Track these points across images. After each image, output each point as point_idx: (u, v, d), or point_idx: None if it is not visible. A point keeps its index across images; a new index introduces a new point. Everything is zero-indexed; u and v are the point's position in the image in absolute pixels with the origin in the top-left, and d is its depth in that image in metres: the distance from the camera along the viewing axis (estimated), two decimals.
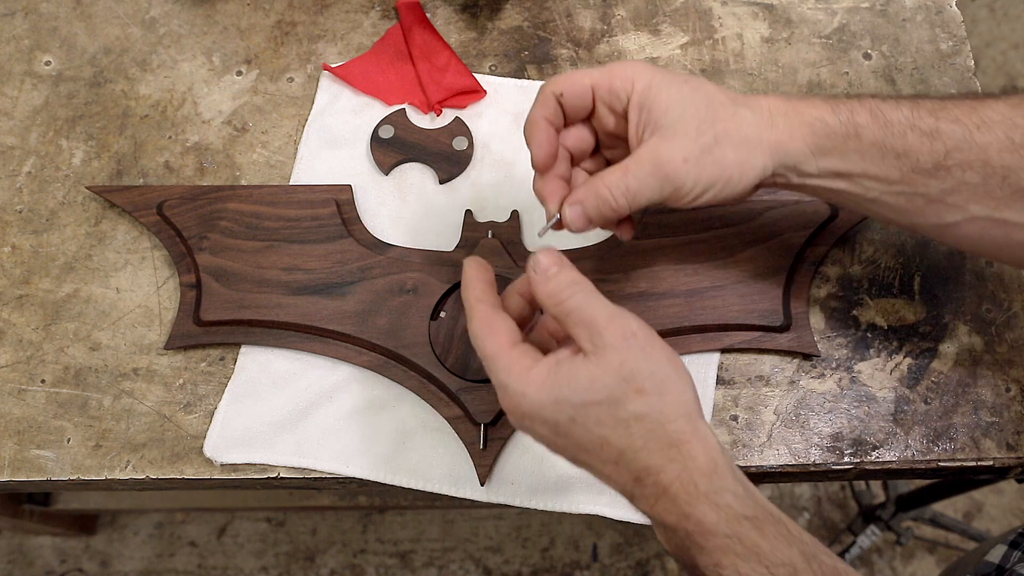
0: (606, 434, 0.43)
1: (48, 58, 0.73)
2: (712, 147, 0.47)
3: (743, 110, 0.48)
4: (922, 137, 0.46)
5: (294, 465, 0.59)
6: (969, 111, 0.46)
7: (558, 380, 0.43)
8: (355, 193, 0.65)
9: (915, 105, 0.47)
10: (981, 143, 0.45)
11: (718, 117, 0.48)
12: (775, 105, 0.49)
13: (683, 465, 0.43)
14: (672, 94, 0.47)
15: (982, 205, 0.47)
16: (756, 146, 0.48)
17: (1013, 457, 0.58)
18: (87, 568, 1.43)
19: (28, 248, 0.66)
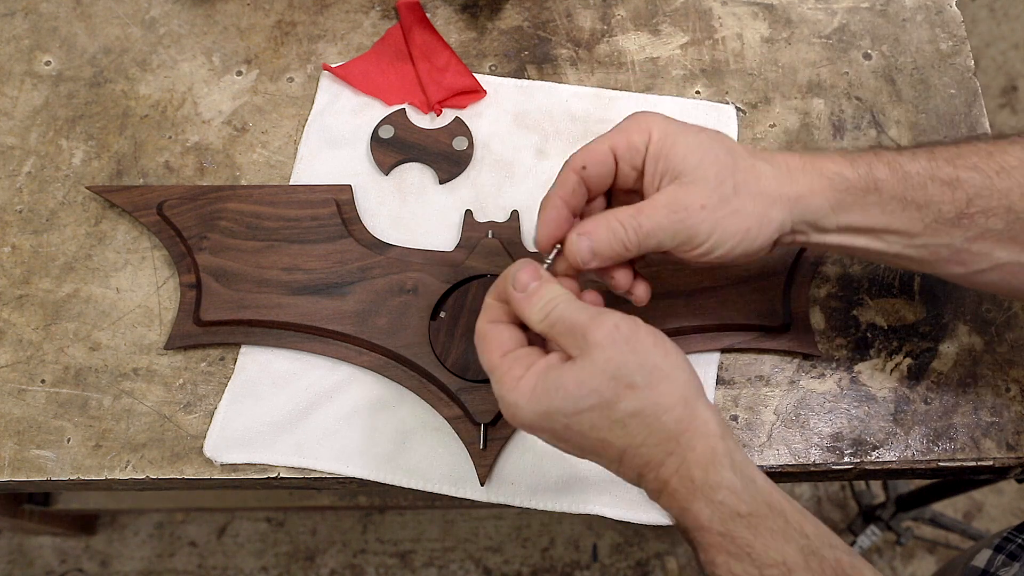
0: (604, 436, 0.43)
1: (48, 58, 0.73)
2: (731, 197, 0.46)
3: (761, 163, 0.47)
4: (943, 187, 0.46)
5: (294, 465, 0.59)
6: (987, 157, 0.46)
7: (547, 390, 0.43)
8: (355, 193, 0.65)
9: (932, 155, 0.47)
10: (1002, 189, 0.45)
11: (738, 167, 0.46)
12: (792, 161, 0.48)
13: (681, 458, 0.43)
14: (690, 141, 0.46)
15: (1008, 251, 0.47)
16: (775, 200, 0.47)
17: (1013, 457, 0.58)
18: (87, 568, 1.43)
19: (28, 248, 0.66)
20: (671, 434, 0.43)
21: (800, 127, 0.69)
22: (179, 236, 0.63)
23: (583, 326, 0.43)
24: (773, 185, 0.47)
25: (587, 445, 0.44)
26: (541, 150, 0.68)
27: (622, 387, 0.42)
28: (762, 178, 0.47)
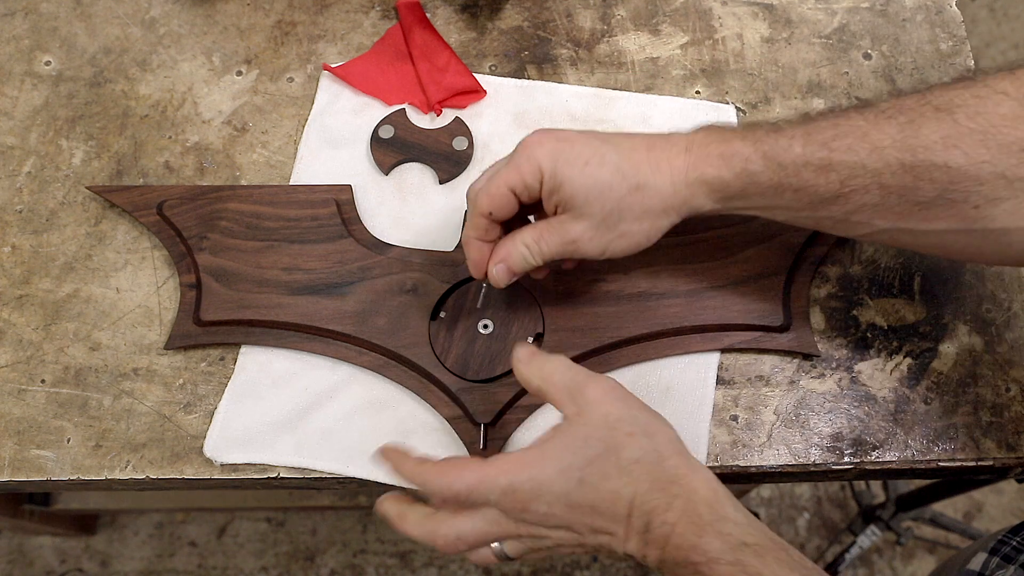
0: (614, 487, 0.45)
1: (48, 58, 0.73)
2: (616, 223, 0.51)
3: (648, 182, 0.51)
4: (817, 172, 0.48)
5: (294, 465, 0.59)
6: (861, 137, 0.48)
7: (558, 451, 0.46)
8: (355, 193, 0.65)
9: (808, 138, 0.49)
10: (874, 168, 0.47)
11: (619, 196, 0.50)
12: (677, 167, 0.51)
13: (687, 499, 0.45)
14: (575, 178, 0.50)
15: (884, 220, 0.49)
16: (660, 213, 0.52)
17: (1013, 457, 0.58)
18: (87, 568, 1.43)
19: (28, 248, 0.66)
20: (673, 479, 0.46)
21: None
22: (179, 236, 0.63)
23: (580, 384, 0.48)
24: (657, 202, 0.51)
25: (599, 503, 0.46)
26: None
27: (623, 435, 0.46)
28: (646, 198, 0.51)
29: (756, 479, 0.61)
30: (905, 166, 0.46)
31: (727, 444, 0.59)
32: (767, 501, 1.45)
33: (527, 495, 0.46)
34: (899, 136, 0.47)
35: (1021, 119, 0.45)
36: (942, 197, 0.46)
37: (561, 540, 0.47)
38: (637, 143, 0.52)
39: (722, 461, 0.58)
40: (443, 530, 0.47)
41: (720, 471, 0.58)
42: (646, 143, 0.52)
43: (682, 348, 0.60)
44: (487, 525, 0.47)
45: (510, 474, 0.46)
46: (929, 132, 0.46)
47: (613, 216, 0.51)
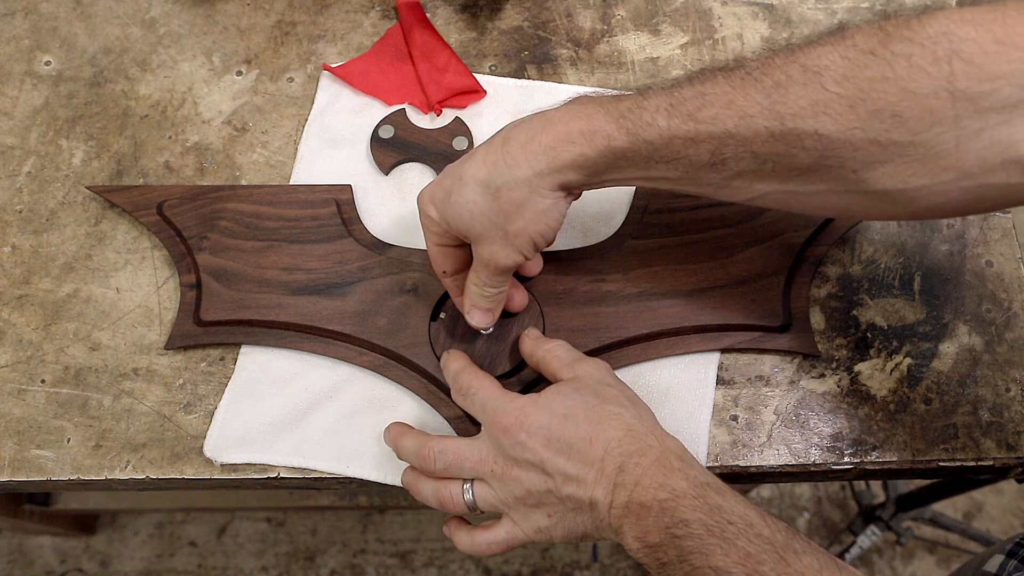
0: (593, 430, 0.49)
1: (48, 58, 0.73)
2: (505, 228, 0.51)
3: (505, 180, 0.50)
4: (686, 143, 0.47)
5: (294, 465, 0.59)
6: (727, 105, 0.45)
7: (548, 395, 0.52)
8: (355, 193, 0.65)
9: (672, 111, 0.47)
10: (743, 138, 0.45)
11: (488, 205, 0.50)
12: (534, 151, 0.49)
13: (660, 449, 0.49)
14: (450, 212, 0.52)
15: (765, 183, 0.47)
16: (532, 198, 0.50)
17: (1013, 457, 0.58)
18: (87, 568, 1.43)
19: (28, 248, 0.66)
20: (648, 433, 0.50)
21: None
22: (179, 236, 0.63)
23: (579, 360, 0.54)
24: (523, 192, 0.50)
25: (577, 441, 0.49)
26: None
27: (609, 395, 0.51)
28: (511, 194, 0.50)
29: (756, 479, 0.61)
30: (775, 135, 0.45)
31: (727, 444, 0.59)
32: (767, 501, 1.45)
33: (513, 419, 0.50)
34: (766, 103, 0.44)
35: (888, 80, 0.42)
36: (818, 163, 0.45)
37: (532, 485, 0.49)
38: (494, 142, 0.51)
39: (722, 461, 0.58)
40: (431, 441, 0.53)
41: (720, 471, 0.58)
42: (502, 136, 0.51)
43: (682, 348, 0.60)
44: (465, 443, 0.52)
45: (505, 398, 0.51)
46: (796, 98, 0.44)
47: (497, 225, 0.51)
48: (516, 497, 0.50)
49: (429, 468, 0.52)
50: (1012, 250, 0.64)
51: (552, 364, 0.54)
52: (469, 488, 0.51)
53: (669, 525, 0.46)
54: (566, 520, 0.50)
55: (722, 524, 0.45)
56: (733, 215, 0.62)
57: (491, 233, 0.51)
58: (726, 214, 0.62)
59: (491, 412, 0.51)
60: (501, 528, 0.52)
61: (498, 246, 0.52)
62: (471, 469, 0.51)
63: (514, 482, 0.50)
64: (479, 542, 0.52)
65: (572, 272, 0.61)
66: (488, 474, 0.51)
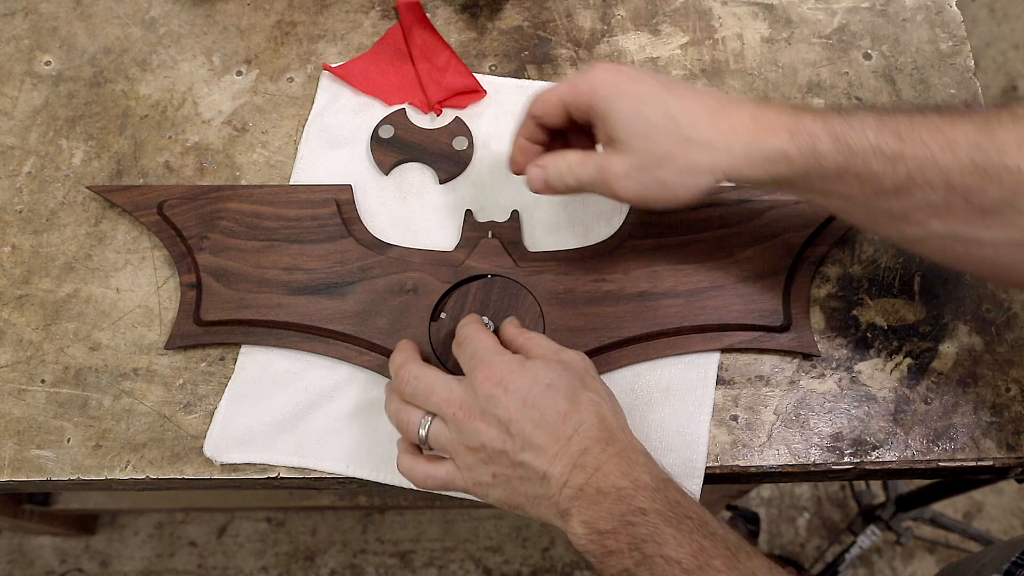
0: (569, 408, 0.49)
1: (48, 58, 0.73)
2: (655, 168, 0.51)
3: (701, 138, 0.50)
4: (885, 161, 0.47)
5: (294, 465, 0.59)
6: (935, 132, 0.46)
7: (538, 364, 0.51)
8: (355, 193, 0.65)
9: (881, 127, 0.47)
10: (943, 164, 0.46)
11: (667, 140, 0.50)
12: (740, 130, 0.49)
13: (626, 445, 0.49)
14: (625, 112, 0.51)
15: (943, 223, 0.48)
16: (703, 171, 0.50)
17: (1013, 457, 0.58)
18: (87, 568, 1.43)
19: (28, 248, 0.66)
20: (617, 428, 0.50)
21: None
22: (179, 236, 0.63)
23: (561, 350, 0.53)
24: (705, 160, 0.50)
25: (551, 413, 0.49)
26: None
27: (592, 381, 0.52)
28: (693, 152, 0.50)
29: (756, 479, 0.61)
30: (976, 165, 0.45)
31: (727, 444, 0.59)
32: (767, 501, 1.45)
33: (498, 372, 0.50)
34: (974, 134, 0.45)
35: None
36: (1007, 203, 0.45)
37: (489, 440, 0.49)
38: (703, 98, 0.51)
39: (722, 461, 0.58)
40: (412, 364, 0.53)
41: (720, 471, 0.58)
42: (712, 101, 0.51)
43: (682, 348, 0.60)
44: (443, 378, 0.52)
45: (498, 352, 0.52)
46: (1005, 134, 0.45)
47: (655, 161, 0.50)
48: (468, 447, 0.50)
49: (400, 388, 0.53)
50: None
51: (534, 352, 0.53)
52: (428, 422, 0.51)
53: (625, 513, 0.46)
54: (510, 485, 0.50)
55: (679, 517, 0.46)
56: (733, 216, 0.62)
57: (641, 160, 0.50)
58: (726, 214, 0.62)
59: (479, 360, 0.51)
60: (443, 468, 0.52)
61: (633, 173, 0.51)
62: (435, 404, 0.51)
63: (472, 432, 0.50)
64: (418, 471, 0.52)
65: (572, 272, 0.61)
66: (450, 416, 0.50)
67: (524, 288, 0.60)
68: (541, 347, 0.54)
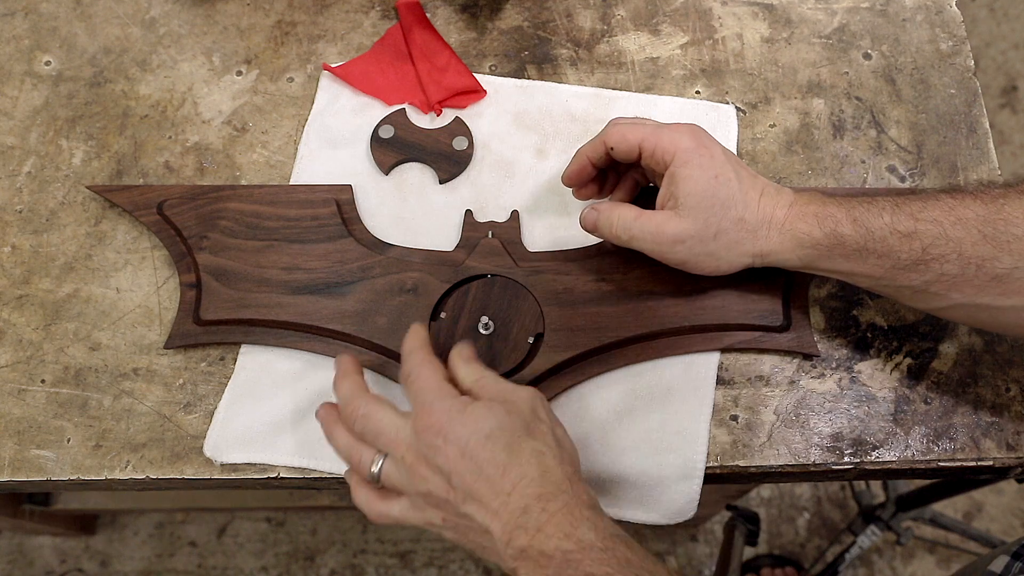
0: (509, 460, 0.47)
1: (48, 58, 0.73)
2: (710, 241, 0.55)
3: (752, 220, 0.54)
4: (901, 239, 0.51)
5: (294, 465, 0.59)
6: (947, 211, 0.51)
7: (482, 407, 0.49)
8: (355, 193, 0.65)
9: (896, 209, 0.52)
10: (955, 238, 0.50)
11: (726, 217, 0.54)
12: (778, 217, 0.54)
13: (572, 497, 0.47)
14: (698, 182, 0.54)
15: (962, 293, 0.51)
16: (747, 251, 0.55)
17: (1013, 457, 0.58)
18: (87, 568, 1.43)
19: (28, 248, 0.66)
20: (563, 480, 0.48)
21: (800, 127, 0.69)
22: (179, 236, 0.63)
23: (511, 390, 0.51)
24: (748, 240, 0.55)
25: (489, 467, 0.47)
26: (541, 150, 0.68)
27: (538, 430, 0.50)
28: (745, 232, 0.55)
29: (756, 479, 0.61)
30: (986, 236, 0.49)
31: (727, 444, 0.59)
32: (767, 501, 1.46)
33: (437, 420, 0.49)
34: (983, 211, 0.50)
35: None
36: (1020, 269, 0.49)
37: (434, 488, 0.48)
38: (756, 183, 0.56)
39: (722, 461, 0.58)
40: (361, 399, 0.52)
41: (720, 471, 0.58)
42: (761, 187, 0.55)
43: (682, 348, 0.60)
44: (392, 418, 0.50)
45: (439, 394, 0.50)
46: (1013, 209, 0.49)
47: (711, 230, 0.54)
48: (418, 491, 0.50)
49: (348, 424, 0.52)
50: None
51: (479, 392, 0.52)
52: (380, 460, 0.51)
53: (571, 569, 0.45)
54: (459, 531, 0.50)
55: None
56: None
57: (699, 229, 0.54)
58: None
59: (421, 404, 0.50)
60: (397, 505, 0.51)
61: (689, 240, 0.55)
62: (384, 445, 0.51)
63: (419, 478, 0.49)
64: (375, 509, 0.52)
65: (572, 272, 0.61)
66: (399, 459, 0.50)
67: (524, 288, 0.60)
68: (487, 388, 0.52)
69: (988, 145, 0.68)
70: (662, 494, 0.57)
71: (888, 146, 0.68)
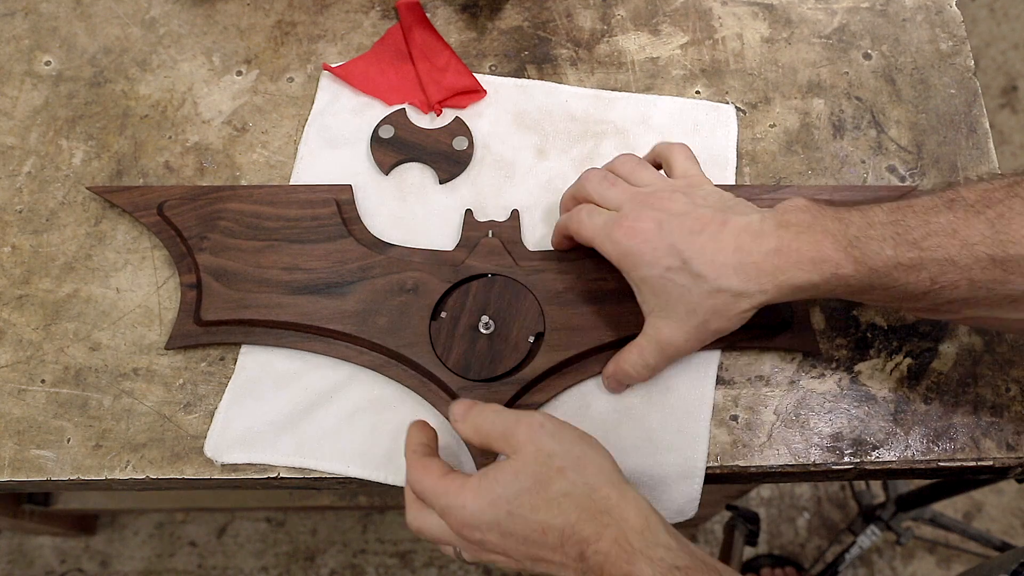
0: (543, 518, 0.47)
1: (48, 58, 0.73)
2: (703, 327, 0.53)
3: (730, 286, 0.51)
4: (907, 271, 0.49)
5: (295, 465, 0.59)
6: (951, 235, 0.48)
7: (489, 483, 0.48)
8: (355, 193, 0.65)
9: (898, 239, 0.49)
10: (963, 264, 0.48)
11: (703, 300, 0.52)
12: (765, 270, 0.51)
13: (618, 528, 0.46)
14: (653, 285, 0.53)
15: (974, 311, 0.50)
16: (745, 311, 0.52)
17: (1013, 457, 0.58)
18: (87, 568, 1.43)
19: (28, 248, 0.66)
20: (604, 509, 0.47)
21: (800, 127, 0.69)
22: (179, 236, 0.63)
23: (511, 427, 0.50)
24: (744, 303, 0.52)
25: (529, 533, 0.47)
26: (541, 150, 0.68)
27: (553, 471, 0.48)
28: (730, 299, 0.52)
29: (756, 479, 0.61)
30: (995, 260, 0.47)
31: (727, 444, 0.59)
32: (767, 501, 1.46)
33: (460, 521, 0.48)
34: (989, 232, 0.47)
35: None
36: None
37: (504, 563, 0.49)
38: (722, 239, 0.52)
39: (722, 461, 0.58)
40: (415, 517, 0.52)
41: (720, 471, 0.58)
42: (734, 243, 0.51)
43: None
44: (439, 531, 0.50)
45: (448, 496, 0.49)
46: (1019, 228, 0.47)
47: (701, 322, 0.53)
48: (496, 564, 0.51)
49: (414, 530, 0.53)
50: None
51: (490, 443, 0.51)
52: (459, 551, 0.52)
53: None
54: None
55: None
56: None
57: (683, 319, 0.53)
58: None
59: (439, 511, 0.50)
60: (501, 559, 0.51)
61: (681, 336, 0.54)
62: (447, 546, 0.52)
63: (490, 560, 0.50)
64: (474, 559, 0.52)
65: (573, 271, 0.61)
66: (465, 553, 0.51)
67: (525, 287, 0.60)
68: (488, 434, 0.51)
69: (988, 145, 0.68)
70: (662, 494, 0.57)
71: (888, 146, 0.68)
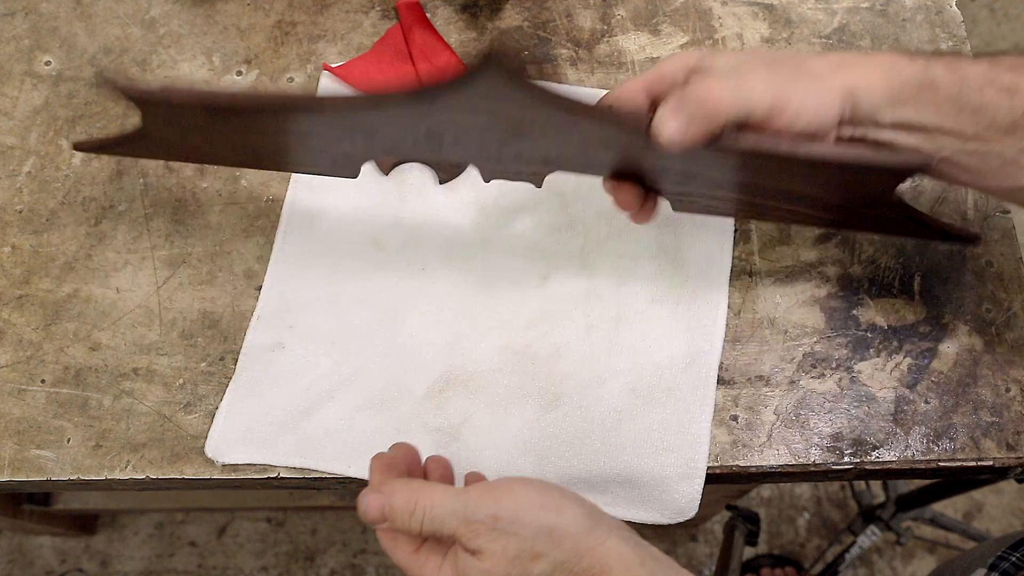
0: None
1: (48, 58, 0.73)
2: (788, 80, 0.46)
3: (810, 59, 0.48)
4: (1000, 93, 0.44)
5: (295, 465, 0.59)
6: None
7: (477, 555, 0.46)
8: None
9: (994, 61, 0.45)
10: None
11: (784, 61, 0.47)
12: (846, 55, 0.48)
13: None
14: (730, 57, 0.48)
15: None
16: (829, 86, 0.46)
17: (1013, 457, 0.58)
18: (87, 568, 1.43)
19: (28, 248, 0.66)
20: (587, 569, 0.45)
21: None
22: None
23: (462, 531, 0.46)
24: (827, 70, 0.46)
25: None
26: None
27: (528, 560, 0.45)
28: (813, 66, 0.47)
29: (756, 479, 0.61)
30: None
31: (727, 444, 0.59)
32: (767, 501, 1.46)
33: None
34: None
35: None
36: None
37: None
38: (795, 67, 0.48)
39: (722, 461, 0.58)
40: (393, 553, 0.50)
41: (720, 471, 0.58)
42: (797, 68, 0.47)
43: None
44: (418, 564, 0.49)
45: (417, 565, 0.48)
46: None
47: (782, 73, 0.47)
48: None
49: None
50: (1012, 250, 0.64)
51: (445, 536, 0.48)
52: None
53: None
54: None
55: None
56: None
57: (761, 72, 0.46)
58: None
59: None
60: None
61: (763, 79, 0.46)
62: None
63: None
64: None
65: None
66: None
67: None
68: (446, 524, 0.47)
69: None
70: (663, 494, 0.57)
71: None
